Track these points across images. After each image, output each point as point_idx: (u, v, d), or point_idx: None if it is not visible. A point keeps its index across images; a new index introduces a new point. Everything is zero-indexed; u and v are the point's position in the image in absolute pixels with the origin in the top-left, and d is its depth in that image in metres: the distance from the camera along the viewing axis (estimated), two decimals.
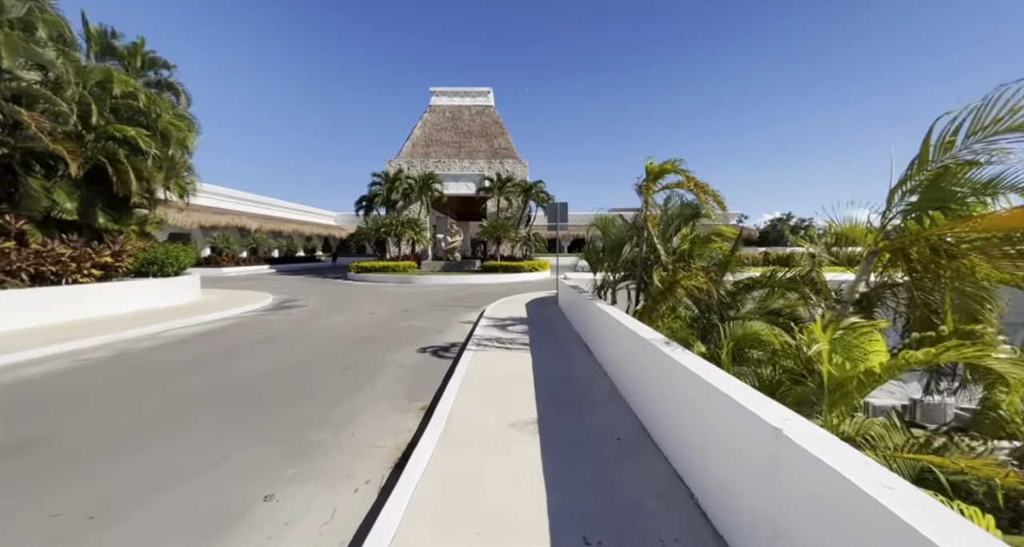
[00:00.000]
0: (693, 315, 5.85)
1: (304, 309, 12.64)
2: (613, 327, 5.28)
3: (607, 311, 5.69)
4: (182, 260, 12.09)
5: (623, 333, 4.78)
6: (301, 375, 5.97)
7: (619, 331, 4.97)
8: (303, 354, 7.16)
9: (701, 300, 5.73)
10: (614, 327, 5.23)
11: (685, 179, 6.32)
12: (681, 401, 3.13)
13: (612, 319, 5.31)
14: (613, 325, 5.28)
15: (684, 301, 5.81)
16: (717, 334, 5.94)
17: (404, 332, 9.14)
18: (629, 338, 4.53)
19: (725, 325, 5.59)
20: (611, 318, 5.35)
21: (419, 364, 6.53)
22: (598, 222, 9.71)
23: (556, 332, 8.45)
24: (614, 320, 5.18)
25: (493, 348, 7.05)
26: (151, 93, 10.79)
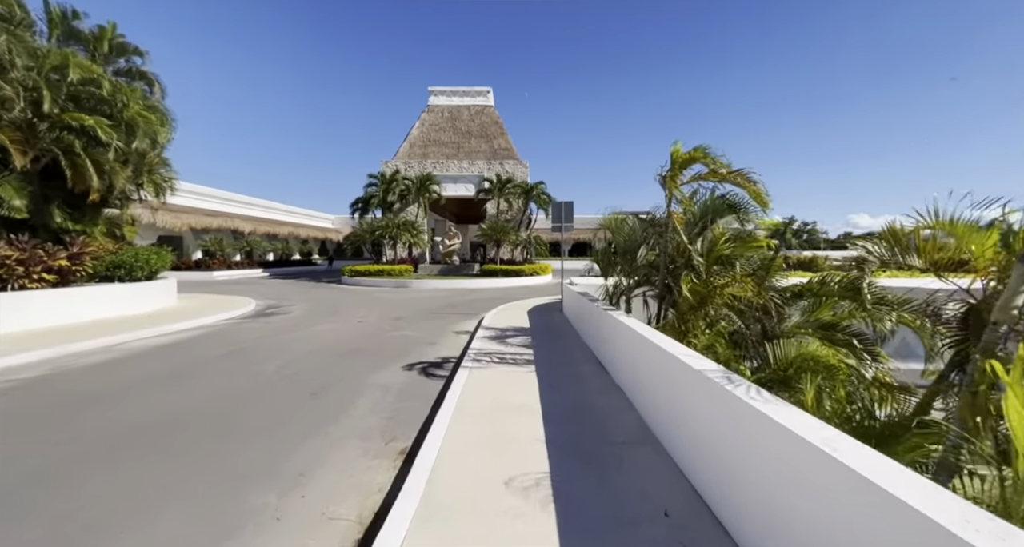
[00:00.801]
0: (733, 329, 4.86)
1: (287, 317, 11.64)
2: (640, 346, 4.29)
3: (631, 326, 4.70)
4: (153, 263, 11.09)
5: (656, 356, 3.79)
6: (261, 402, 4.96)
7: (649, 352, 3.98)
8: (272, 373, 6.15)
9: (746, 312, 4.74)
10: (642, 347, 4.24)
11: (710, 170, 5.36)
12: (778, 474, 2.13)
13: (639, 337, 4.31)
14: (640, 344, 4.29)
15: (724, 313, 4.82)
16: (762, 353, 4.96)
17: (392, 344, 8.14)
18: (667, 364, 3.54)
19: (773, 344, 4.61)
20: (638, 335, 4.36)
21: (405, 386, 5.53)
22: (608, 223, 8.75)
23: (563, 345, 7.45)
24: (642, 338, 4.19)
25: (492, 365, 6.05)
26: (116, 80, 9.83)
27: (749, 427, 2.34)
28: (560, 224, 11.60)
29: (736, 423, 2.48)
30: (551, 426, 3.93)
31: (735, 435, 2.50)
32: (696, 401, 2.99)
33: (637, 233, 7.77)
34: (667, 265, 6.17)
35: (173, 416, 4.52)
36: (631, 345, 4.65)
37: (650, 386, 3.99)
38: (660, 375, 3.73)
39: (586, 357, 6.56)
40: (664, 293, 6.22)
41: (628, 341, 4.74)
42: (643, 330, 4.44)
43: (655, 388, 3.84)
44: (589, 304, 7.47)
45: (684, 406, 3.20)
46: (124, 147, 9.41)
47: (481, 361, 6.29)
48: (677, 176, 5.54)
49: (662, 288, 6.18)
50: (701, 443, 2.91)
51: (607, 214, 8.88)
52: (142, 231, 29.85)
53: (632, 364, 4.65)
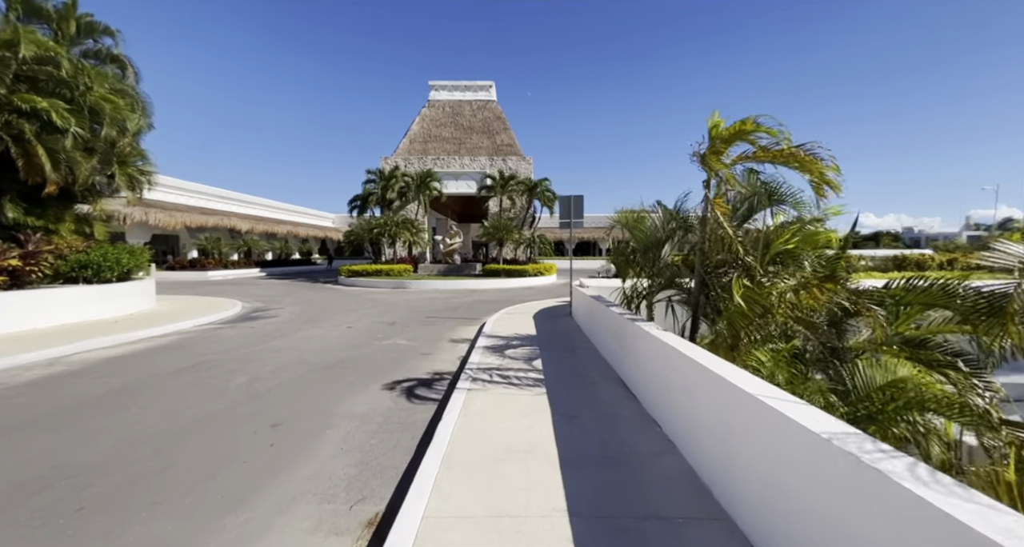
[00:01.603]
0: (799, 348, 3.83)
1: (272, 321, 10.68)
2: (687, 373, 3.27)
3: (671, 344, 3.67)
4: (125, 263, 10.15)
5: (721, 393, 2.77)
6: (205, 437, 3.98)
7: (708, 385, 2.96)
8: (233, 394, 5.17)
9: (818, 325, 3.72)
10: (690, 373, 3.22)
11: (759, 149, 4.32)
12: None
13: (686, 360, 3.29)
14: (687, 370, 3.27)
15: (790, 326, 3.80)
16: (831, 375, 3.93)
17: (381, 355, 7.15)
18: (743, 406, 2.52)
19: (850, 367, 3.59)
20: (684, 358, 3.33)
21: (387, 414, 4.53)
22: (623, 219, 7.75)
23: (577, 358, 6.43)
24: (693, 364, 3.17)
25: (494, 386, 5.05)
26: (79, 61, 8.89)
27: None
28: (569, 220, 10.59)
29: (900, 531, 1.48)
30: (572, 483, 2.92)
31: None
32: (803, 472, 1.98)
33: (660, 228, 6.76)
34: (703, 265, 5.15)
35: (89, 459, 3.54)
36: (671, 368, 3.64)
37: (707, 429, 2.97)
38: (727, 417, 2.72)
39: (605, 375, 5.54)
40: (699, 299, 5.20)
41: (666, 363, 3.73)
42: (690, 350, 3.42)
43: (718, 435, 2.82)
44: (605, 310, 6.45)
45: (775, 474, 2.18)
46: (85, 134, 8.47)
47: (480, 380, 5.29)
48: (722, 151, 4.52)
49: (697, 293, 5.16)
50: (814, 538, 1.90)
51: (621, 210, 7.89)
52: (134, 230, 29.08)
53: (672, 391, 3.63)
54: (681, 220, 6.23)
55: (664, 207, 6.49)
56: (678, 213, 6.20)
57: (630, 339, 4.87)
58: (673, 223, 6.54)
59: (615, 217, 7.88)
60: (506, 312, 11.32)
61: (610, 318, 6.03)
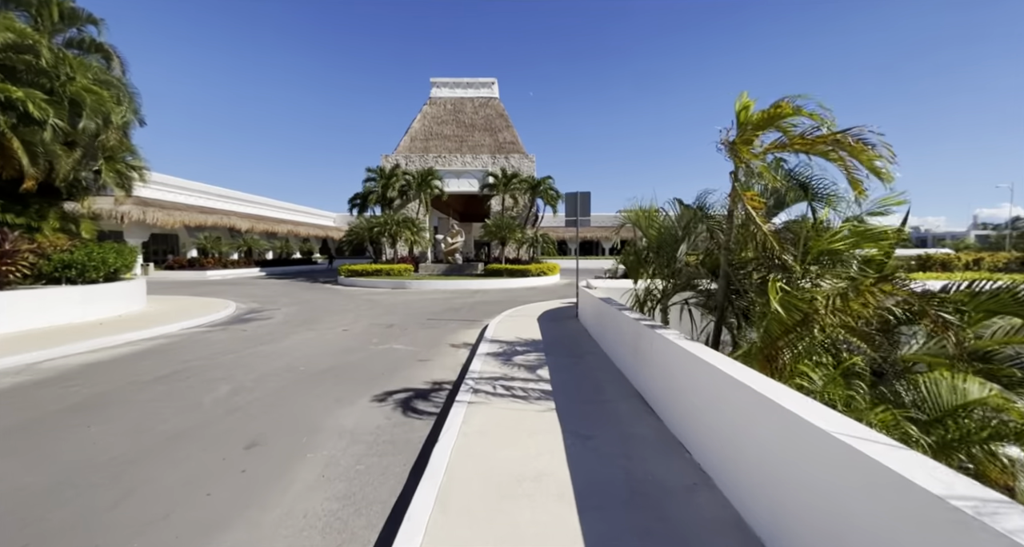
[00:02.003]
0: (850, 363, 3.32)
1: (265, 323, 10.24)
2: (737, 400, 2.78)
3: (703, 357, 3.17)
4: (111, 263, 9.72)
5: (789, 429, 2.28)
6: (166, 464, 3.51)
7: (758, 413, 2.47)
8: (209, 407, 4.71)
9: (872, 334, 3.22)
10: (730, 395, 2.73)
11: (793, 139, 3.82)
12: None
13: (726, 378, 2.80)
14: (739, 396, 2.78)
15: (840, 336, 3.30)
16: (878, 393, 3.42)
17: (375, 362, 6.68)
18: (828, 453, 2.03)
19: (911, 383, 3.10)
20: (722, 374, 2.84)
21: (377, 432, 4.05)
22: (633, 217, 7.27)
23: (587, 366, 5.95)
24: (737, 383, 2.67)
25: (497, 399, 4.56)
26: (60, 49, 8.45)
27: None
28: (575, 218, 10.10)
29: None
30: (593, 528, 2.44)
31: None
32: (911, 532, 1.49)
33: (676, 226, 6.27)
34: (729, 265, 4.65)
35: (19, 493, 3.07)
36: (701, 384, 3.15)
37: (754, 464, 2.47)
38: (783, 453, 2.23)
39: (619, 385, 5.05)
40: (724, 303, 4.69)
41: (695, 378, 3.24)
42: (726, 365, 2.92)
43: (771, 475, 2.33)
44: (617, 314, 5.96)
45: (867, 539, 1.69)
46: (65, 126, 8.03)
47: (482, 392, 4.81)
48: (753, 139, 4.01)
49: (721, 297, 4.65)
50: None
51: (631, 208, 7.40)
52: (132, 228, 28.71)
53: (703, 410, 3.14)
54: (701, 217, 5.72)
55: (682, 203, 5.98)
56: (699, 209, 5.70)
57: (648, 348, 4.38)
58: (689, 220, 6.05)
59: (626, 214, 7.38)
60: (509, 314, 10.83)
61: (623, 323, 5.53)
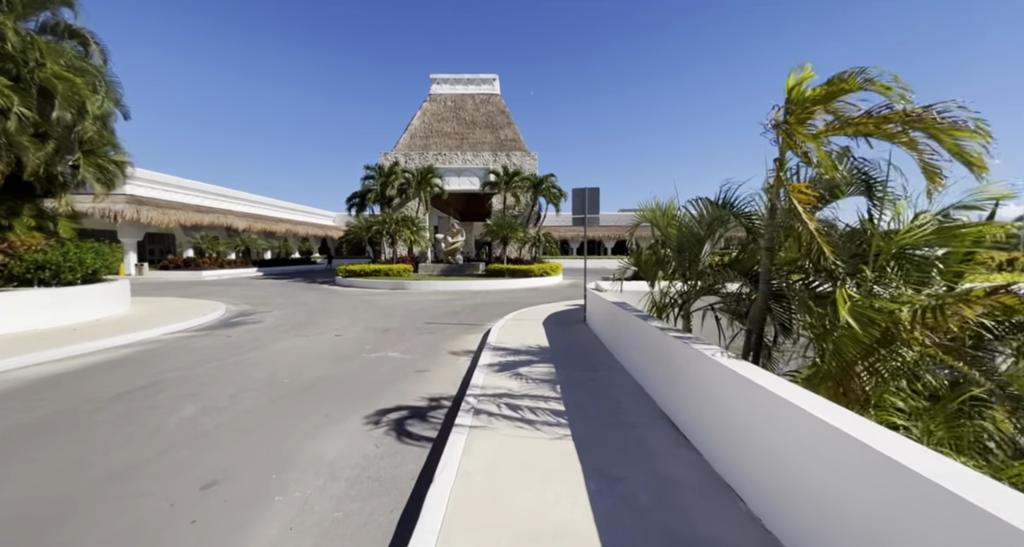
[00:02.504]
0: (969, 393, 2.69)
1: (254, 327, 9.63)
2: (826, 445, 2.15)
3: (784, 394, 2.53)
4: (89, 263, 9.12)
5: (918, 496, 1.65)
6: (99, 513, 2.89)
7: (856, 464, 1.84)
8: (171, 432, 4.10)
9: (980, 357, 2.59)
10: (835, 449, 2.10)
11: (857, 119, 3.19)
12: None
13: (809, 418, 2.17)
14: (829, 442, 2.15)
15: (936, 357, 2.67)
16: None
17: (368, 373, 6.07)
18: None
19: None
20: (802, 413, 2.21)
21: (360, 467, 3.43)
22: (650, 215, 6.67)
23: (601, 381, 5.32)
24: (847, 437, 2.04)
25: (502, 423, 3.94)
26: (29, 33, 7.84)
27: None
28: (583, 215, 9.47)
29: None
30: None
31: None
32: None
33: (699, 224, 5.65)
34: (770, 268, 4.02)
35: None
36: (762, 419, 2.52)
37: (858, 535, 1.84)
38: (908, 524, 1.60)
39: (643, 406, 4.42)
40: (764, 312, 4.06)
41: (755, 411, 2.60)
42: (801, 398, 2.29)
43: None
44: (637, 323, 5.34)
45: None
46: (33, 116, 7.42)
47: (485, 413, 4.18)
48: (807, 121, 3.38)
49: (762, 304, 4.02)
50: None
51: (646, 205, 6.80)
52: (126, 228, 28.13)
53: (765, 451, 2.52)
54: (729, 214, 5.10)
55: (707, 200, 5.35)
56: (725, 206, 5.06)
57: (681, 365, 3.75)
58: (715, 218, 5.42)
59: (642, 212, 6.77)
60: (512, 318, 10.21)
61: (646, 334, 4.90)
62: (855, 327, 2.71)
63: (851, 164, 3.92)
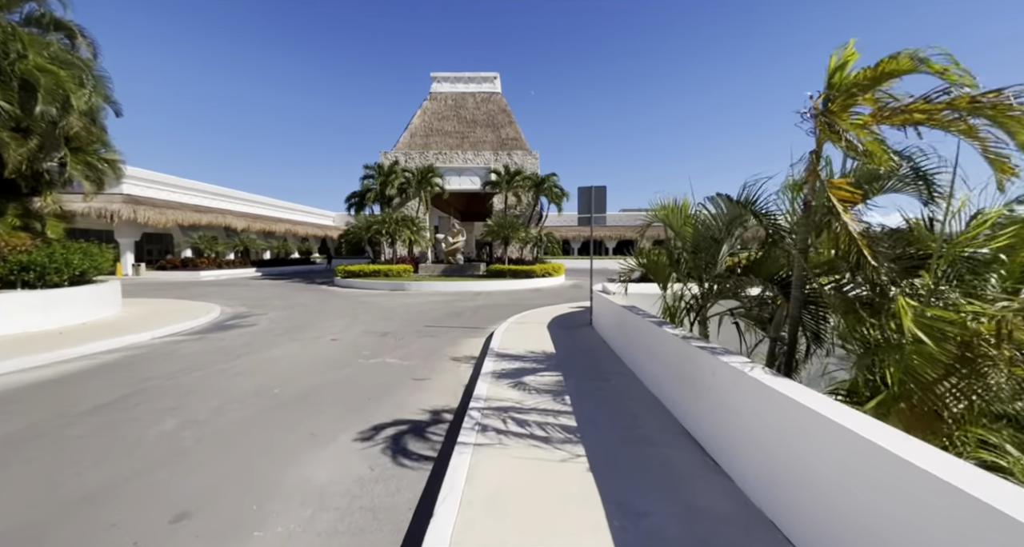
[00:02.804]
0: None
1: (248, 331, 9.30)
2: (912, 491, 1.79)
3: (856, 429, 2.17)
4: (77, 264, 8.79)
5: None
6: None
7: (965, 517, 1.49)
8: (147, 449, 3.75)
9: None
10: (922, 496, 1.75)
11: (918, 103, 2.84)
12: None
13: (926, 478, 1.81)
14: (932, 497, 1.79)
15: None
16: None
17: (364, 381, 5.73)
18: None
19: None
20: (905, 463, 1.85)
21: (352, 494, 3.08)
22: (662, 213, 6.34)
23: (614, 392, 4.97)
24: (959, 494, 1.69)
25: (509, 441, 3.60)
26: (10, 23, 7.49)
27: None
28: (589, 214, 9.13)
29: None
30: None
31: None
32: None
33: (717, 223, 5.32)
34: (804, 272, 3.67)
35: None
36: (818, 451, 2.17)
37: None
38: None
39: (662, 421, 4.07)
40: (798, 321, 3.71)
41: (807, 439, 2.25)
42: (884, 436, 1.93)
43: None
44: (652, 329, 4.99)
45: None
46: (14, 110, 7.08)
47: (490, 429, 3.84)
48: (851, 108, 3.03)
49: (796, 312, 3.67)
50: None
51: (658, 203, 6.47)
52: (123, 228, 27.82)
53: (823, 486, 2.17)
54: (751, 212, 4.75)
55: (726, 197, 4.99)
56: (748, 204, 4.71)
57: (708, 379, 3.40)
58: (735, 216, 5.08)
59: (654, 211, 6.44)
60: (516, 321, 9.87)
61: (662, 342, 4.55)
62: (928, 343, 2.36)
63: (899, 154, 3.56)
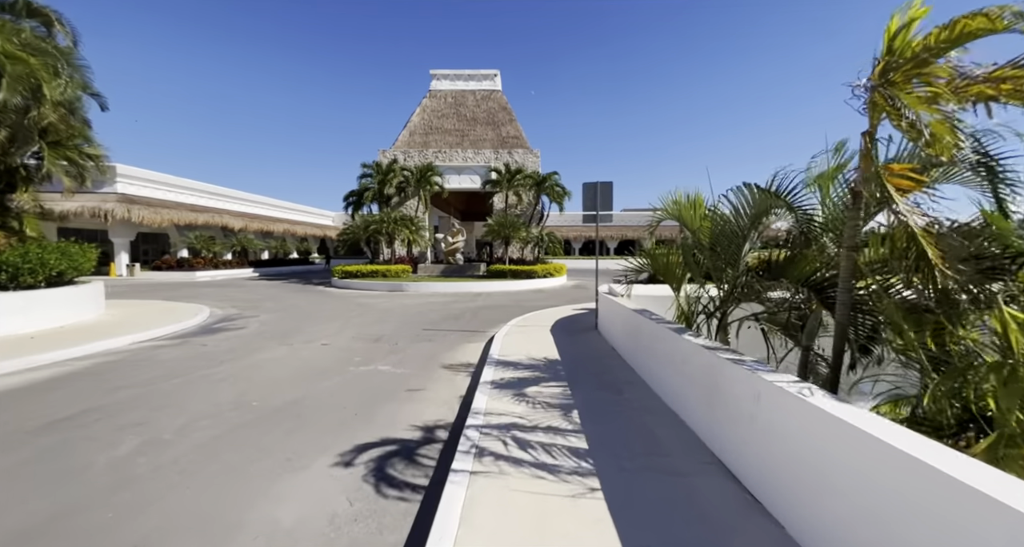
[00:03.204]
0: None
1: (234, 335, 8.82)
2: None
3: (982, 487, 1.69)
4: (53, 265, 8.31)
5: None
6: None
7: None
8: (94, 477, 3.27)
9: None
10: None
11: (1008, 70, 2.36)
12: None
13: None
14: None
15: None
16: None
17: (352, 392, 5.24)
18: None
19: None
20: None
21: (327, 539, 2.58)
22: (674, 210, 5.90)
23: (627, 406, 4.48)
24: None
25: (511, 469, 3.11)
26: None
27: None
28: (595, 211, 8.64)
29: None
30: None
31: None
32: None
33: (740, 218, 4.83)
34: (852, 273, 3.17)
35: None
36: (915, 507, 1.68)
37: None
38: None
39: (685, 442, 3.57)
40: (845, 331, 3.21)
41: (905, 496, 1.76)
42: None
43: None
44: (673, 338, 4.49)
45: None
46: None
47: (489, 453, 3.35)
48: (915, 78, 2.54)
49: (844, 320, 3.17)
50: None
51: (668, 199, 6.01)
52: (117, 227, 27.35)
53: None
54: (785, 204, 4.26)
55: (755, 186, 4.49)
56: (782, 194, 4.22)
57: (742, 398, 2.91)
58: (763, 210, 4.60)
59: (665, 208, 5.98)
60: (516, 324, 9.38)
61: (683, 352, 4.05)
62: None
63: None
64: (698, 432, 3.65)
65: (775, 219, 5.01)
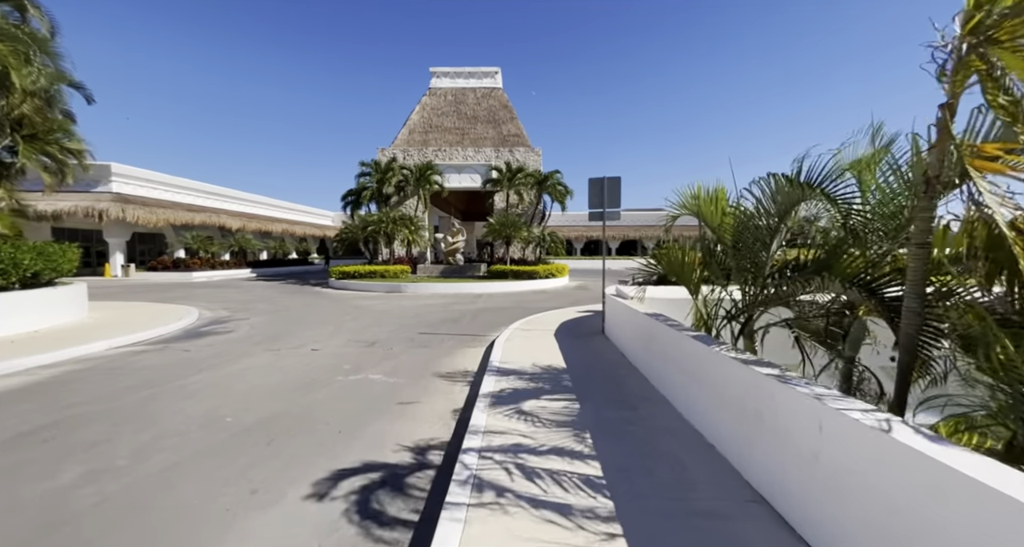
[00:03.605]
0: None
1: (220, 339, 8.34)
2: None
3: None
4: (27, 266, 7.84)
5: None
6: None
7: None
8: (21, 520, 2.78)
9: None
10: None
11: None
12: None
13: None
14: None
15: None
16: None
17: (339, 406, 4.74)
18: None
19: None
20: None
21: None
22: (692, 205, 5.40)
23: (646, 426, 3.97)
24: None
25: (512, 506, 2.60)
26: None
27: None
28: (602, 209, 8.14)
29: None
30: None
31: None
32: None
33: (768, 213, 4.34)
34: (923, 276, 2.66)
35: None
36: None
37: None
38: None
39: (719, 474, 3.06)
40: (914, 339, 2.69)
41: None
42: None
43: None
44: (696, 347, 3.98)
45: None
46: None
47: (488, 485, 2.85)
48: (1019, 35, 2.04)
49: (912, 331, 2.65)
50: None
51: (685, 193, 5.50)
52: (112, 227, 26.90)
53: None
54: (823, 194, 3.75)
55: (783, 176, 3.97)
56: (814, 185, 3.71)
57: (798, 428, 2.40)
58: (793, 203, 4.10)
59: (682, 203, 5.46)
60: (519, 327, 8.88)
61: (714, 366, 3.53)
62: None
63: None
64: (732, 461, 3.13)
65: (804, 212, 4.53)
